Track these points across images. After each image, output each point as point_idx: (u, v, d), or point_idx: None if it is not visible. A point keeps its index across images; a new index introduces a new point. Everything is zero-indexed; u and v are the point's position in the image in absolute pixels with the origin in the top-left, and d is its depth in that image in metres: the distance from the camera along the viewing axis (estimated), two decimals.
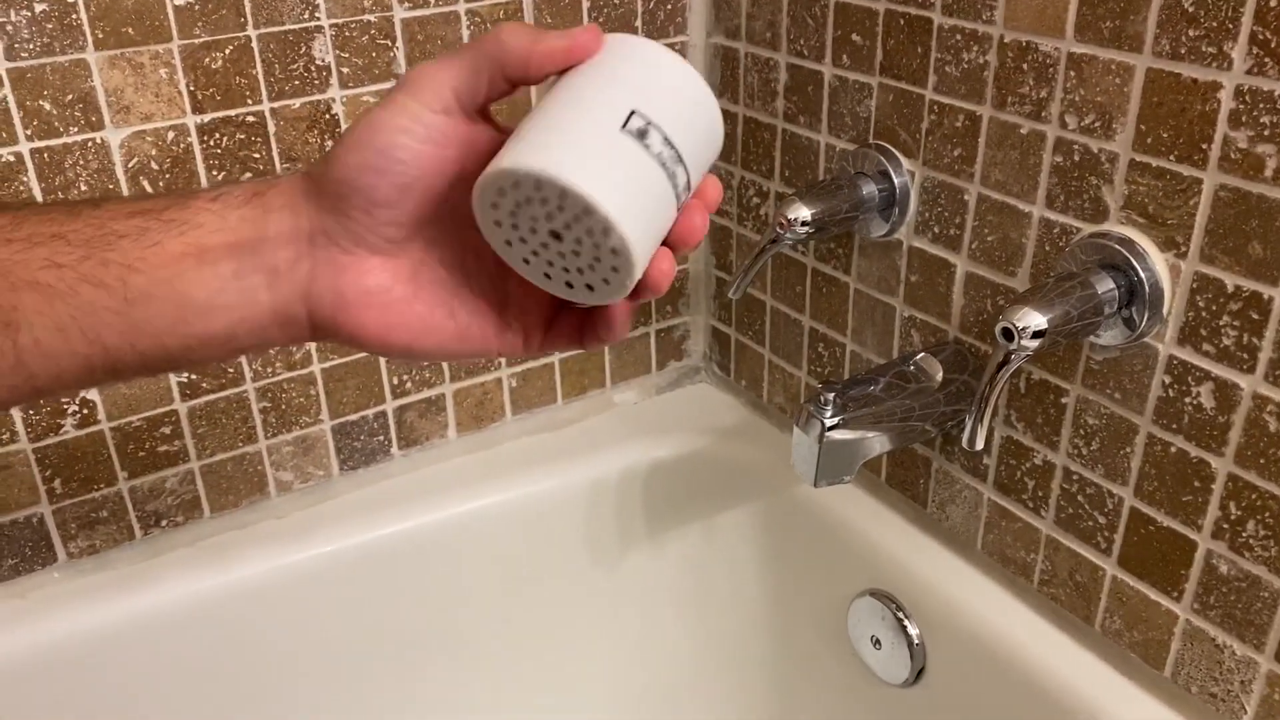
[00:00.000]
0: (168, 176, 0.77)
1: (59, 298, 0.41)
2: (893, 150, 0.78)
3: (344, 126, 0.82)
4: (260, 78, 0.77)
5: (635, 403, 1.07)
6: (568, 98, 0.40)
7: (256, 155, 0.79)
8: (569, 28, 0.41)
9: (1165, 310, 0.63)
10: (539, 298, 0.46)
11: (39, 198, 0.73)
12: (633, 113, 0.38)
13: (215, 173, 0.78)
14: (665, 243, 0.42)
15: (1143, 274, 0.63)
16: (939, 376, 0.76)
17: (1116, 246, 0.64)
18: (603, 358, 1.03)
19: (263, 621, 0.87)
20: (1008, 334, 0.62)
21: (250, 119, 0.78)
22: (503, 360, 0.97)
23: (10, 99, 0.70)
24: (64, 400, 0.79)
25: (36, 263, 0.40)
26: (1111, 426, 0.69)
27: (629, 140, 0.38)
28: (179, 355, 0.43)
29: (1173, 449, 0.65)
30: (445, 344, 0.45)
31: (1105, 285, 0.64)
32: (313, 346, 0.87)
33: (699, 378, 1.10)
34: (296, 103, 0.79)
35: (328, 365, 0.88)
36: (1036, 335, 0.62)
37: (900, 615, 0.83)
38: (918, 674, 0.84)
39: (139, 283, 0.41)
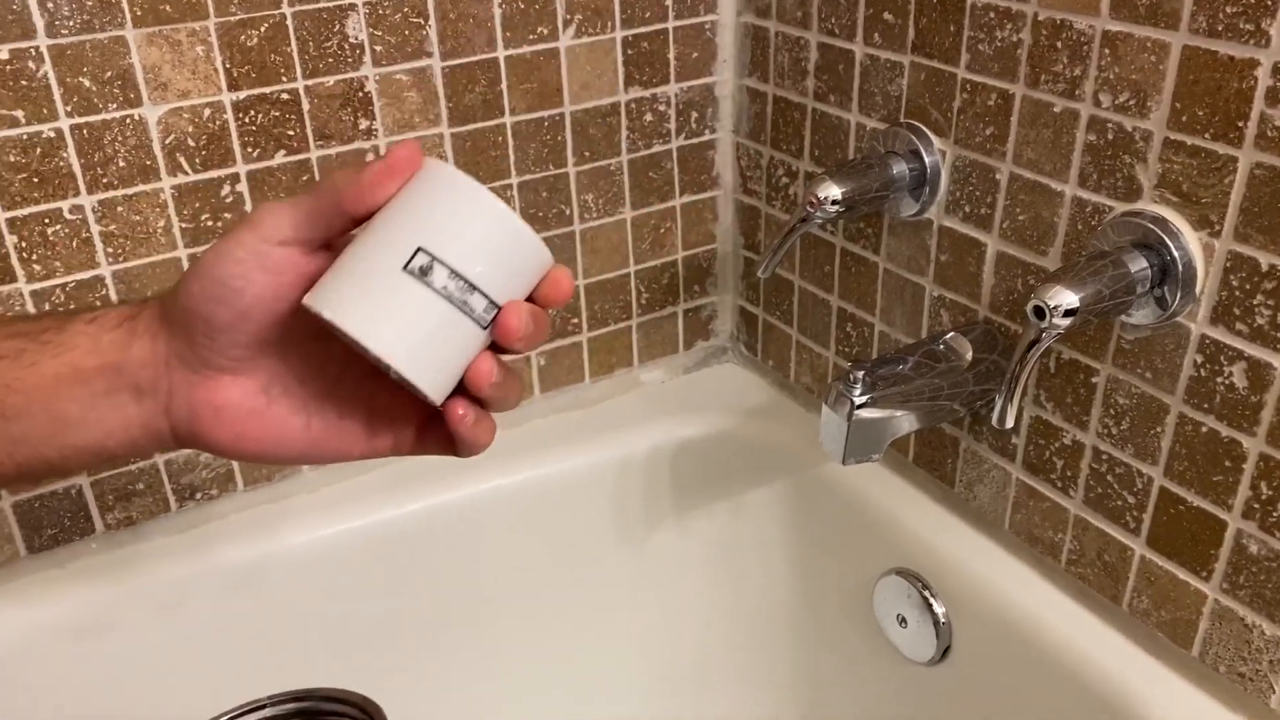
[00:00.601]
0: (204, 153, 0.77)
1: None
2: (924, 129, 0.78)
3: (376, 105, 0.82)
4: (295, 55, 0.78)
5: (662, 382, 1.08)
6: (369, 233, 0.43)
7: (291, 133, 0.80)
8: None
9: (1198, 289, 0.63)
10: (411, 406, 0.48)
11: (79, 175, 0.74)
12: (418, 250, 0.41)
13: (250, 149, 0.79)
14: (495, 348, 0.45)
15: (1176, 253, 0.63)
16: (969, 356, 0.76)
17: (1149, 225, 0.64)
18: (630, 336, 1.04)
19: (293, 593, 0.89)
20: (1039, 312, 0.62)
21: (285, 96, 0.79)
22: None
23: (51, 75, 0.71)
24: None
25: None
26: (1142, 406, 0.68)
27: (409, 279, 0.41)
28: (57, 464, 0.47)
29: (1204, 429, 0.65)
30: (300, 451, 0.48)
31: (1138, 264, 0.64)
32: None
33: (725, 358, 1.10)
34: (330, 80, 0.80)
35: None
36: (1068, 314, 0.62)
37: (926, 594, 0.84)
38: (944, 652, 0.84)
39: (15, 401, 0.45)
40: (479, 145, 0.88)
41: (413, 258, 0.41)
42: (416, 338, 0.42)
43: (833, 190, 0.76)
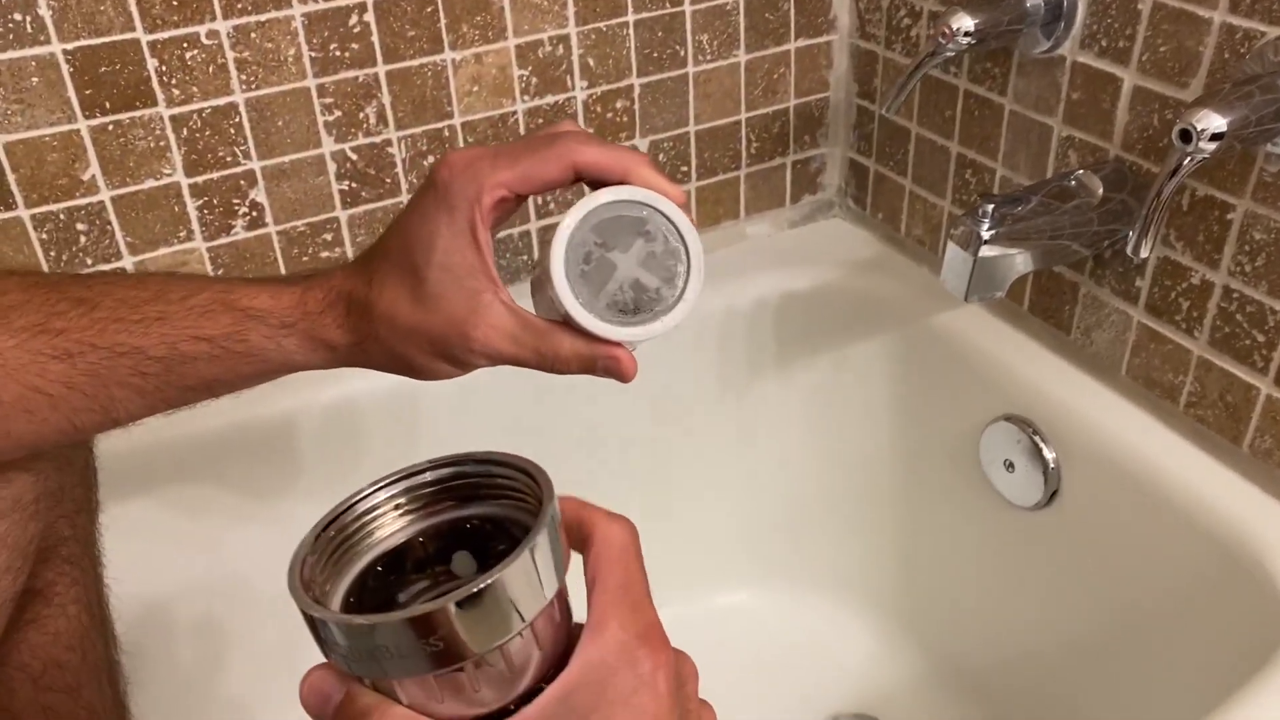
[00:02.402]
0: None
1: (147, 394, 0.51)
2: None
3: None
4: None
5: (768, 235, 1.08)
6: None
7: None
8: None
9: None
10: None
11: None
12: None
13: None
14: None
15: None
16: (1099, 193, 0.75)
17: None
18: (738, 187, 1.04)
19: (420, 421, 0.92)
20: (1185, 136, 0.61)
21: None
22: None
23: None
24: (235, 201, 0.82)
25: (124, 370, 0.49)
26: None
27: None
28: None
29: None
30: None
31: None
32: None
33: (832, 212, 1.10)
34: None
35: None
36: (1215, 138, 0.61)
37: (1037, 439, 0.84)
38: (1050, 497, 0.85)
39: (222, 388, 0.53)
40: None
41: None
42: None
43: (965, 21, 0.75)
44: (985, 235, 0.73)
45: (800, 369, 1.04)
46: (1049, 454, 0.84)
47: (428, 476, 0.38)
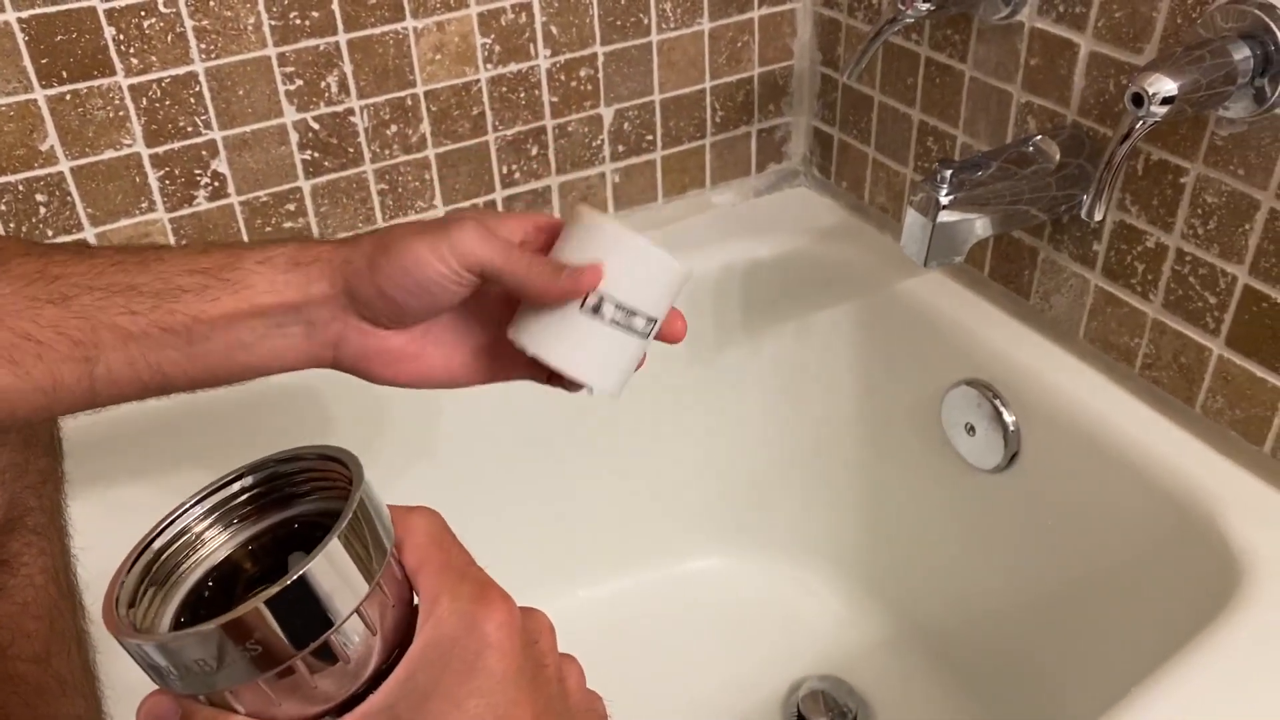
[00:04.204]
0: None
1: (133, 339, 0.50)
2: None
3: None
4: None
5: (733, 205, 1.08)
6: None
7: None
8: None
9: None
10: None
11: None
12: (588, 294, 0.54)
13: None
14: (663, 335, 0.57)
15: None
16: (1057, 158, 0.76)
17: (1257, 12, 0.62)
18: (703, 156, 1.04)
19: (391, 396, 0.92)
20: (1137, 100, 0.62)
21: None
22: (607, 154, 0.98)
23: None
24: (196, 171, 0.82)
25: (115, 309, 0.49)
26: (1232, 204, 0.68)
27: (587, 317, 0.54)
28: (224, 379, 0.53)
29: None
30: (443, 382, 0.57)
31: (1241, 53, 0.63)
32: (427, 130, 0.89)
33: (797, 181, 1.10)
34: None
35: (441, 150, 0.90)
36: (1166, 101, 0.62)
37: (997, 403, 0.85)
38: (1011, 459, 0.86)
39: (201, 329, 0.51)
40: None
41: (586, 300, 0.53)
42: (599, 359, 0.55)
43: None
44: (944, 200, 0.74)
45: (765, 336, 1.05)
46: (1009, 417, 0.85)
47: (236, 487, 0.37)
